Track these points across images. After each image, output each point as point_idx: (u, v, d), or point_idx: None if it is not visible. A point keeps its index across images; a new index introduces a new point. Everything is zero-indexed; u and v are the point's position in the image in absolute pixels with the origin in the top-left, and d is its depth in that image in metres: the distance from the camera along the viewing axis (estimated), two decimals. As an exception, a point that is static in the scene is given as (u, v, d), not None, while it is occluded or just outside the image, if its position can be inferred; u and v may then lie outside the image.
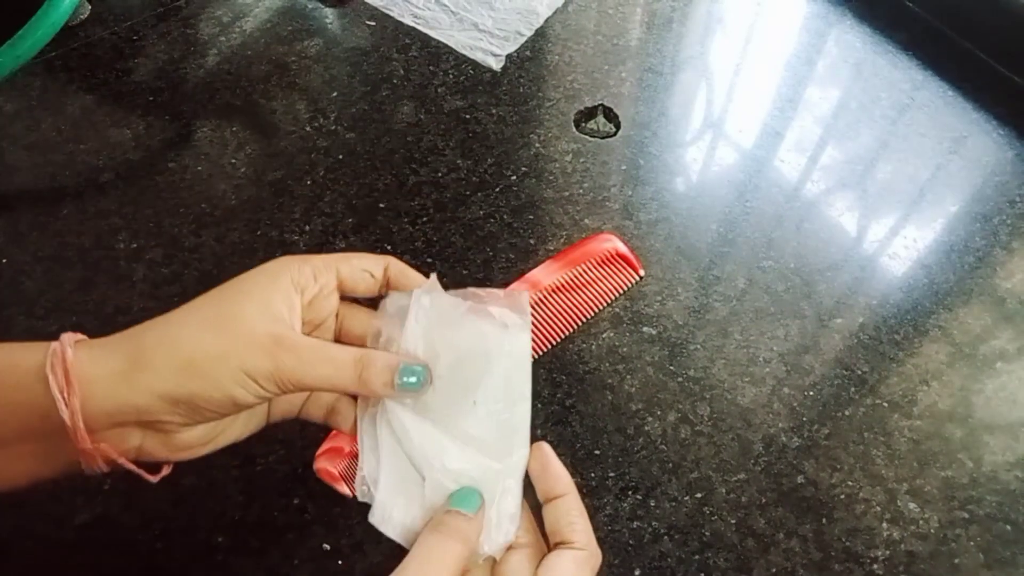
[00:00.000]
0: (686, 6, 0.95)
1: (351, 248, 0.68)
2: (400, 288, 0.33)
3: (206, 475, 0.52)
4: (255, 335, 0.26)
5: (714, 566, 0.51)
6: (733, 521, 0.53)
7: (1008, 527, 0.53)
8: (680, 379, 0.60)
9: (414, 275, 0.33)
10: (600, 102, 0.81)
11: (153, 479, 0.29)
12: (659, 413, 0.58)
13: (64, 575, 0.49)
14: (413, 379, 0.29)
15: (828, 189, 0.75)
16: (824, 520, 0.53)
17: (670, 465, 0.55)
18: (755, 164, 0.77)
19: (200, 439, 0.29)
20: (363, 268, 0.32)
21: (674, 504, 0.53)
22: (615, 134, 0.79)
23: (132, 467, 0.28)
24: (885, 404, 0.59)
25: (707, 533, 0.52)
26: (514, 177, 0.74)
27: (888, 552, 0.52)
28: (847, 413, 0.59)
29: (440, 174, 0.74)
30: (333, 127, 0.78)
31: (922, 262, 0.69)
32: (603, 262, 0.65)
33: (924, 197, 0.75)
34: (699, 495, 0.54)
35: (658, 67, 0.86)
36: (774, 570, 0.51)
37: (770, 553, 0.51)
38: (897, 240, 0.71)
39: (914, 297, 0.66)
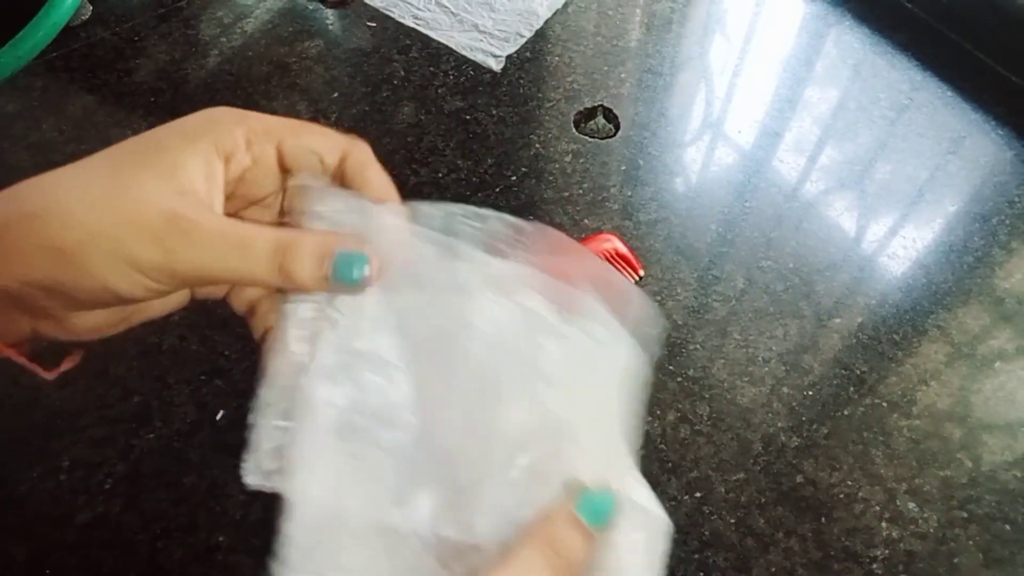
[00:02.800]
0: (685, 7, 0.95)
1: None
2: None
3: (207, 474, 0.52)
4: (142, 213, 0.21)
5: (713, 565, 0.51)
6: (732, 520, 0.53)
7: (1007, 526, 0.53)
8: (679, 379, 0.60)
9: (378, 181, 0.25)
10: (600, 103, 0.82)
11: (48, 377, 0.24)
12: (658, 413, 0.58)
13: (65, 575, 0.49)
14: (353, 271, 0.22)
15: (827, 189, 0.75)
16: (823, 519, 0.53)
17: (669, 464, 0.55)
18: (754, 164, 0.77)
19: (103, 323, 0.24)
20: (312, 149, 0.25)
21: (673, 503, 0.53)
22: (615, 135, 0.79)
23: (24, 362, 0.23)
24: (884, 404, 0.59)
25: (706, 532, 0.52)
26: (514, 178, 0.74)
27: (887, 551, 0.52)
28: (846, 413, 0.59)
29: (440, 175, 0.74)
30: (334, 128, 0.78)
31: (921, 262, 0.69)
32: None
33: (923, 197, 0.75)
34: (698, 494, 0.54)
35: (658, 68, 0.86)
36: (773, 569, 0.51)
37: (769, 552, 0.52)
38: (896, 240, 0.71)
39: (913, 297, 0.67)
